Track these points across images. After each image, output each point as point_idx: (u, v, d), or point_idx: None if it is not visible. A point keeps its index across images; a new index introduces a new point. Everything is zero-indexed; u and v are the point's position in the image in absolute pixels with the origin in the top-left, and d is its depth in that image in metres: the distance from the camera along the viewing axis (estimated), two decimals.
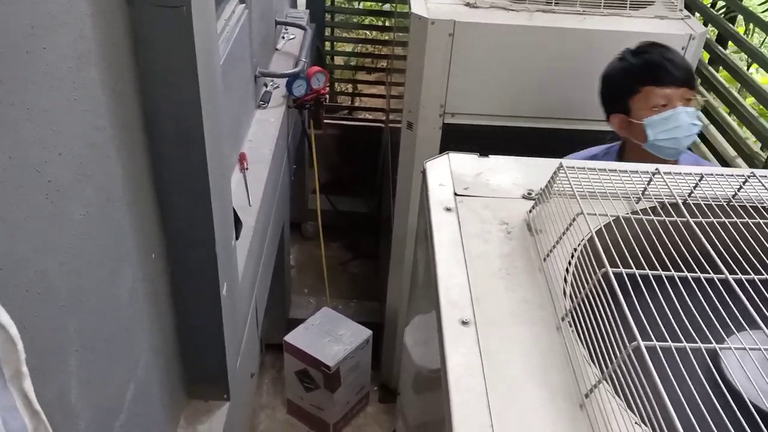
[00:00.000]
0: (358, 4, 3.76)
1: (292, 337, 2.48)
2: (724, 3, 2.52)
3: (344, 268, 3.48)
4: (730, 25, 2.20)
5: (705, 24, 2.16)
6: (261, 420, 2.70)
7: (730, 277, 0.86)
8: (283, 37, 2.67)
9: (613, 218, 0.99)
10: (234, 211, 1.45)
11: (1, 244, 0.65)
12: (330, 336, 2.50)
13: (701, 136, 2.13)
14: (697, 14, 2.24)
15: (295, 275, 3.35)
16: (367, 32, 4.05)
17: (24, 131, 0.70)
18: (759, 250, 0.95)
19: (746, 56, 2.92)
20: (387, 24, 3.60)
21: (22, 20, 0.68)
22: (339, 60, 4.05)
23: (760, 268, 0.91)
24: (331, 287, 3.12)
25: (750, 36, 3.76)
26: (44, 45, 0.73)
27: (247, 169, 1.88)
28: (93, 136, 0.87)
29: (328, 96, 2.59)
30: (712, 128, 2.12)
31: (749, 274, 0.88)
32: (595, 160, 1.71)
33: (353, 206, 3.56)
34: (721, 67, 2.21)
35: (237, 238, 1.54)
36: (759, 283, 0.87)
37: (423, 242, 1.21)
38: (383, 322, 2.68)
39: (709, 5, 2.44)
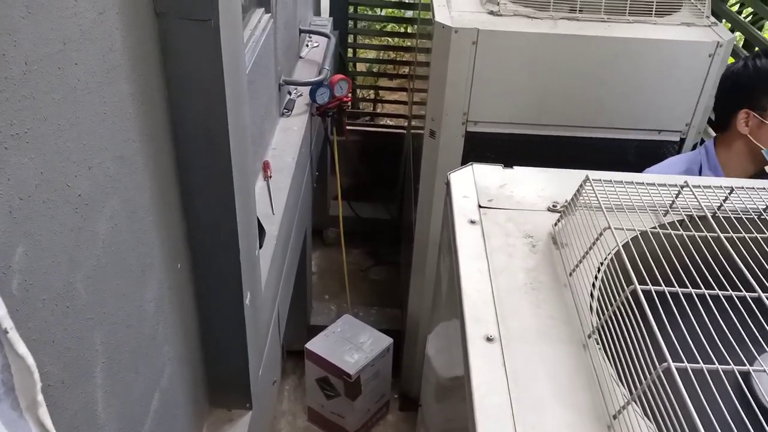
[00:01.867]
0: (381, 11, 3.77)
1: (314, 345, 2.49)
2: (751, 9, 2.48)
3: (365, 275, 3.48)
4: (758, 32, 2.17)
5: (732, 30, 2.13)
6: (282, 426, 2.71)
7: (763, 295, 0.84)
8: (307, 45, 2.68)
9: (641, 232, 0.98)
10: (258, 219, 1.46)
11: (29, 260, 0.66)
12: (351, 344, 2.50)
13: None
14: (724, 21, 2.21)
15: (316, 281, 3.36)
16: (389, 39, 4.05)
17: (54, 146, 0.70)
18: None
19: None
20: (409, 30, 3.60)
21: (54, 36, 0.69)
22: (361, 66, 4.06)
23: None
24: (352, 294, 3.12)
25: None
26: (76, 60, 0.74)
27: (270, 177, 1.89)
28: (121, 148, 0.88)
29: (350, 103, 2.59)
30: None
31: None
32: (687, 172, 1.67)
33: (375, 213, 3.56)
34: None
35: (260, 247, 1.54)
36: None
37: (447, 255, 1.20)
38: (404, 330, 2.67)
39: (735, 11, 2.40)
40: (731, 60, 2.14)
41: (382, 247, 3.56)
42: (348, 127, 3.06)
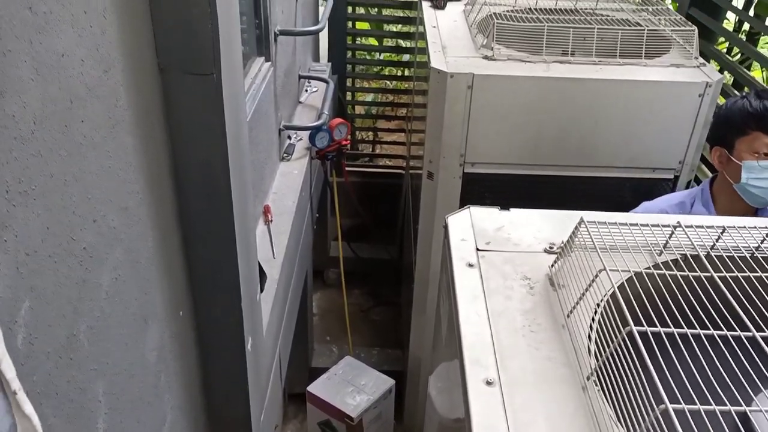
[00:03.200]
0: (379, 56, 3.85)
1: (315, 388, 2.47)
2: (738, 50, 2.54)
3: (366, 315, 3.48)
4: (746, 71, 2.22)
5: (721, 71, 2.18)
6: None
7: (757, 335, 0.85)
8: (306, 90, 2.73)
9: (636, 273, 0.99)
10: (259, 264, 1.47)
11: (34, 314, 0.67)
12: (353, 386, 2.48)
13: None
14: (713, 61, 2.26)
15: (317, 322, 3.35)
16: (387, 82, 4.13)
17: (60, 201, 0.72)
18: None
19: None
20: (406, 73, 3.67)
21: (61, 95, 0.72)
22: (360, 109, 4.13)
23: None
24: (353, 335, 3.11)
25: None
26: (82, 117, 0.77)
27: (271, 221, 1.91)
28: (125, 199, 0.90)
29: (349, 145, 2.64)
30: None
31: None
32: (680, 205, 1.75)
33: (375, 253, 3.58)
34: None
35: (262, 291, 1.55)
36: None
37: (446, 298, 1.21)
38: (406, 371, 2.66)
39: (724, 51, 2.46)
40: (721, 99, 2.19)
41: (383, 288, 3.56)
42: (347, 169, 3.10)
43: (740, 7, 3.13)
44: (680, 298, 0.95)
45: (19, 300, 0.65)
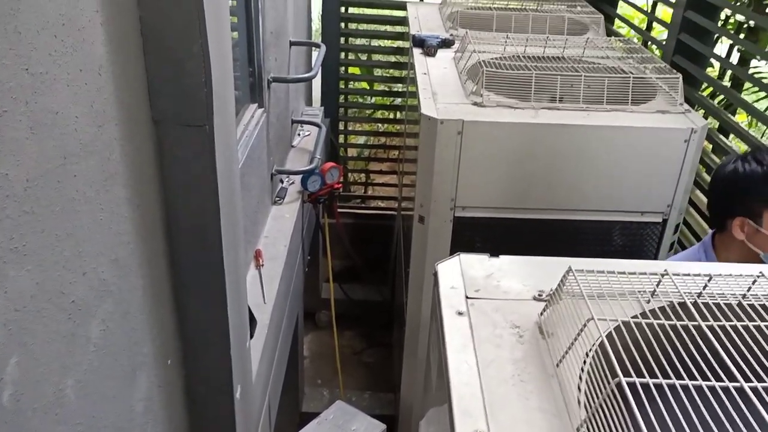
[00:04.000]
0: (371, 99, 3.91)
1: None
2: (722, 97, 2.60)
3: (358, 358, 3.45)
4: (731, 117, 2.26)
5: (705, 116, 2.23)
6: None
7: (745, 385, 0.85)
8: (299, 134, 2.77)
9: (624, 322, 1.00)
10: (249, 309, 1.47)
11: (21, 370, 0.67)
12: (343, 431, 2.44)
13: None
14: (697, 107, 2.31)
15: (308, 366, 3.32)
16: (379, 125, 4.19)
17: (51, 256, 0.73)
18: None
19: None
20: (398, 116, 3.73)
21: (55, 153, 0.73)
22: (352, 151, 4.17)
23: None
24: (344, 378, 3.08)
25: (753, 125, 3.83)
26: (75, 173, 0.78)
27: (262, 265, 1.92)
28: (116, 251, 0.90)
29: (342, 188, 2.66)
30: None
31: (765, 381, 0.88)
32: (692, 260, 1.67)
33: (367, 295, 3.57)
34: (724, 157, 2.25)
35: (251, 337, 1.55)
36: None
37: (436, 346, 1.21)
38: (397, 415, 2.63)
39: (708, 96, 2.52)
40: (707, 145, 2.23)
41: (375, 330, 3.54)
42: (339, 210, 3.12)
43: (723, 54, 3.21)
44: (668, 347, 0.95)
45: (7, 356, 0.65)
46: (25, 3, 0.66)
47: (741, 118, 3.42)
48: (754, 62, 3.55)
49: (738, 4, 3.14)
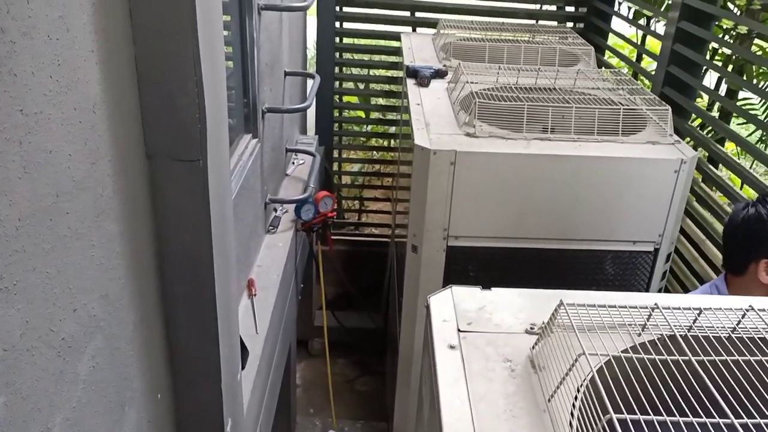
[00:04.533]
0: (366, 128, 3.94)
1: None
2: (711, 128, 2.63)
3: (351, 386, 3.42)
4: (720, 147, 2.29)
5: (695, 147, 2.25)
6: None
7: (735, 422, 0.85)
8: (293, 163, 2.78)
9: (614, 357, 1.00)
10: (241, 339, 1.47)
11: (9, 411, 0.67)
12: None
13: None
14: (687, 138, 2.34)
15: (301, 394, 3.29)
16: (374, 152, 4.22)
17: (42, 294, 0.73)
18: (762, 391, 0.95)
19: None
20: (392, 144, 3.76)
21: (48, 191, 0.74)
22: (346, 178, 4.19)
23: (764, 410, 0.91)
24: (337, 407, 3.05)
25: (741, 154, 3.88)
26: (67, 210, 0.78)
27: (255, 295, 1.91)
28: (107, 287, 0.90)
29: (335, 216, 2.67)
30: (708, 243, 2.16)
31: (754, 417, 0.88)
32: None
33: (360, 322, 3.55)
34: (713, 187, 2.28)
35: (243, 368, 1.54)
36: (765, 428, 0.86)
37: (428, 380, 1.21)
38: None
39: (698, 127, 2.55)
40: (697, 175, 2.25)
41: (368, 357, 3.52)
42: (332, 237, 3.12)
43: (713, 83, 3.27)
44: (659, 382, 0.96)
45: None
46: (21, 45, 0.67)
47: (730, 147, 3.45)
48: (743, 92, 3.60)
49: (725, 37, 3.21)
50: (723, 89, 3.32)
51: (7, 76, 0.65)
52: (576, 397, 0.99)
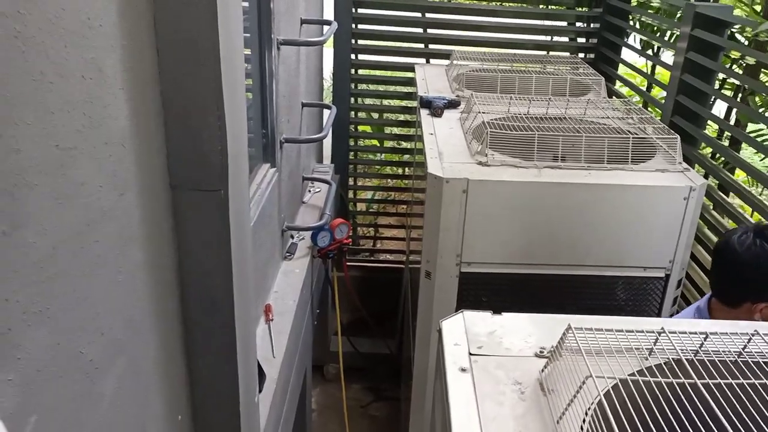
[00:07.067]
0: (380, 156, 4.01)
1: None
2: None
3: (365, 411, 3.43)
4: (729, 175, 2.31)
5: (705, 176, 2.28)
6: None
7: None
8: (310, 191, 2.84)
9: (621, 380, 1.03)
10: (258, 363, 1.50)
11: (39, 429, 0.71)
12: None
13: None
14: (697, 165, 2.36)
15: (316, 419, 3.31)
16: (388, 180, 4.27)
17: (71, 318, 0.78)
18: (767, 414, 0.96)
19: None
20: (406, 172, 3.81)
21: (78, 220, 0.79)
22: (361, 205, 4.24)
23: None
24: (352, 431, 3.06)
25: (751, 182, 3.87)
26: (96, 238, 0.83)
27: (272, 320, 1.95)
28: (132, 311, 0.95)
29: (350, 243, 2.71)
30: None
31: None
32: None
33: (374, 347, 3.57)
34: (724, 215, 2.29)
35: (260, 392, 1.57)
36: None
37: (440, 403, 1.23)
38: None
39: (708, 156, 2.57)
40: (707, 202, 2.27)
41: (383, 383, 3.53)
42: (348, 264, 3.16)
43: (723, 111, 3.29)
44: (665, 405, 0.98)
45: (26, 415, 0.69)
46: (58, 86, 0.73)
47: (739, 175, 3.46)
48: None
49: (733, 67, 3.23)
50: (733, 118, 3.34)
51: (44, 114, 0.71)
52: (584, 420, 1.01)
